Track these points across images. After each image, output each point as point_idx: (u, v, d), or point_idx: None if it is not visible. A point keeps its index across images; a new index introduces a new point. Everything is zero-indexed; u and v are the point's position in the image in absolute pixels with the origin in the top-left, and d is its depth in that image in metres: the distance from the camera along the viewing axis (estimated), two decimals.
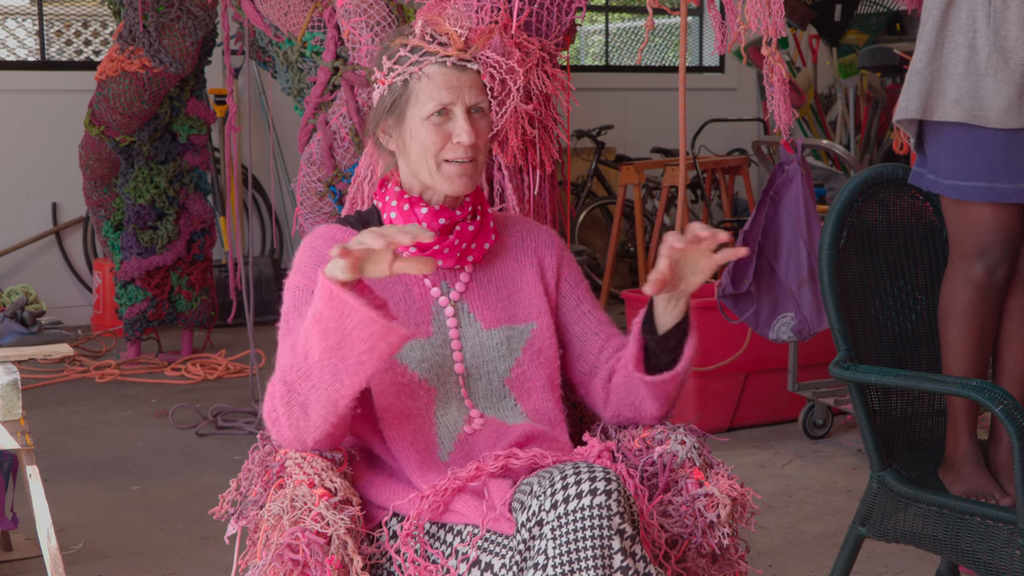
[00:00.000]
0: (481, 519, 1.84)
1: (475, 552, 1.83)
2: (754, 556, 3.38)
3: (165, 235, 6.08)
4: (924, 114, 2.53)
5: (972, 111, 2.46)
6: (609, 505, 1.72)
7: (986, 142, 2.47)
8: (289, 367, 1.84)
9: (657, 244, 7.08)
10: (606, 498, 1.73)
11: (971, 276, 2.52)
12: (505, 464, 1.89)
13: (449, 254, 2.05)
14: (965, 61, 2.47)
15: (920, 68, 2.52)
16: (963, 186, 2.50)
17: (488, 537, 1.84)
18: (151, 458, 4.55)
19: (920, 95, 2.52)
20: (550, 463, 1.90)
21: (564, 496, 1.73)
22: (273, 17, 4.31)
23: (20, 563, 3.49)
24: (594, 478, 1.74)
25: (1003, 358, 2.61)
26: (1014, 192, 2.46)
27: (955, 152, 2.51)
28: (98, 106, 5.87)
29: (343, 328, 1.76)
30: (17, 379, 2.94)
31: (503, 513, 1.83)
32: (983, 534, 2.37)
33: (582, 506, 1.72)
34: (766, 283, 3.90)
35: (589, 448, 1.93)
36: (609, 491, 1.73)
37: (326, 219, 4.09)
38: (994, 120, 2.44)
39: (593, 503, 1.72)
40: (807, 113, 7.73)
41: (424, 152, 2.01)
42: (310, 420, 1.86)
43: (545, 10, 2.69)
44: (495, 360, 2.05)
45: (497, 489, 1.87)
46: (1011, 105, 2.43)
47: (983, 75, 2.45)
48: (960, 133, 2.49)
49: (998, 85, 2.44)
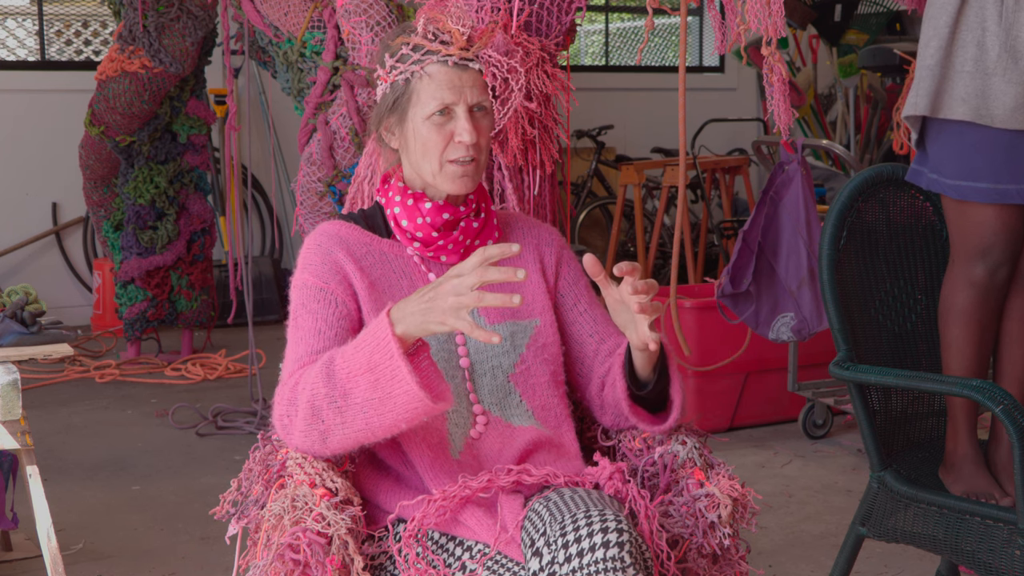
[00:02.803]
0: (492, 538, 1.84)
1: (483, 571, 1.83)
2: (754, 556, 3.38)
3: (165, 235, 6.08)
4: (932, 111, 2.52)
5: (979, 110, 2.46)
6: (622, 557, 1.73)
7: (991, 142, 2.46)
8: (321, 395, 1.82)
9: (657, 244, 7.09)
10: (619, 550, 1.73)
11: (972, 277, 2.52)
12: (517, 480, 1.89)
13: (453, 249, 2.05)
14: (974, 60, 2.46)
15: (931, 64, 2.51)
16: (966, 186, 2.49)
17: (497, 559, 1.84)
18: (151, 458, 4.55)
19: (930, 92, 2.51)
20: (562, 483, 1.90)
21: (578, 549, 1.73)
22: (273, 17, 4.32)
23: (20, 563, 3.49)
24: (606, 528, 1.74)
25: (1003, 359, 2.61)
26: (1018, 193, 2.46)
27: (959, 152, 2.50)
28: (98, 106, 5.87)
29: (390, 391, 1.77)
30: (17, 379, 2.94)
31: (514, 536, 1.83)
32: (983, 534, 2.37)
33: (595, 559, 1.72)
34: (766, 283, 3.91)
35: (600, 469, 1.93)
36: (621, 543, 1.73)
37: (326, 219, 4.08)
38: (1000, 120, 2.44)
39: (607, 556, 1.72)
40: (807, 113, 7.73)
41: (426, 152, 2.01)
42: (327, 446, 1.87)
43: (545, 10, 2.69)
44: (499, 356, 2.05)
45: (509, 508, 1.87)
46: (1018, 105, 2.43)
47: (991, 74, 2.44)
48: (966, 132, 2.49)
49: (1006, 85, 2.43)
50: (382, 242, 2.07)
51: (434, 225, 2.03)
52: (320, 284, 1.99)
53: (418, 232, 2.04)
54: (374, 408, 1.79)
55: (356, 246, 2.04)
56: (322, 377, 1.82)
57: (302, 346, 1.95)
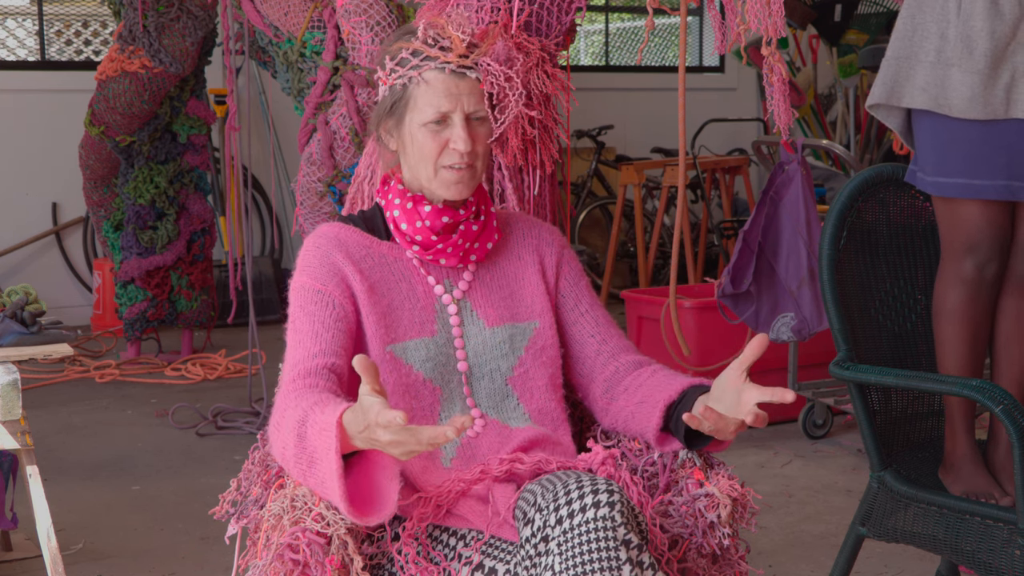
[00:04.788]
0: (485, 524, 1.84)
1: (478, 556, 1.83)
2: (754, 556, 3.38)
3: (165, 235, 6.08)
4: (890, 99, 2.54)
5: (937, 99, 2.48)
6: (613, 516, 1.73)
7: (960, 136, 2.47)
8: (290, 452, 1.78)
9: (657, 244, 7.09)
10: (609, 510, 1.73)
11: (961, 274, 2.53)
12: (509, 469, 1.89)
13: (452, 253, 2.05)
14: (936, 50, 2.49)
15: (890, 56, 2.55)
16: (944, 182, 2.51)
17: (491, 542, 1.84)
18: (151, 458, 4.55)
19: (885, 81, 2.54)
20: (554, 468, 1.90)
21: (569, 511, 1.74)
22: (273, 17, 4.32)
23: (20, 563, 3.49)
24: (596, 490, 1.74)
25: (1000, 359, 2.61)
26: (993, 189, 2.47)
27: (933, 147, 2.52)
28: (98, 106, 5.87)
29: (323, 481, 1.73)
30: (17, 379, 2.94)
31: (507, 519, 1.83)
32: (983, 534, 2.37)
33: (586, 519, 1.72)
34: (766, 283, 3.91)
35: (593, 455, 1.93)
36: (612, 503, 1.74)
37: (326, 219, 4.09)
38: (957, 109, 2.45)
39: (597, 515, 1.73)
40: (807, 113, 7.73)
41: (421, 157, 2.01)
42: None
43: (545, 10, 2.69)
44: (498, 359, 2.05)
45: (501, 494, 1.87)
46: (975, 95, 2.44)
47: (950, 64, 2.46)
48: (936, 126, 2.50)
49: (963, 75, 2.45)
50: (381, 244, 2.07)
51: (433, 228, 2.03)
52: (318, 286, 1.99)
53: (417, 235, 2.04)
54: (322, 491, 1.76)
55: (355, 248, 2.04)
56: (293, 437, 1.78)
57: (299, 350, 1.95)
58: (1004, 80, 2.45)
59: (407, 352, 1.99)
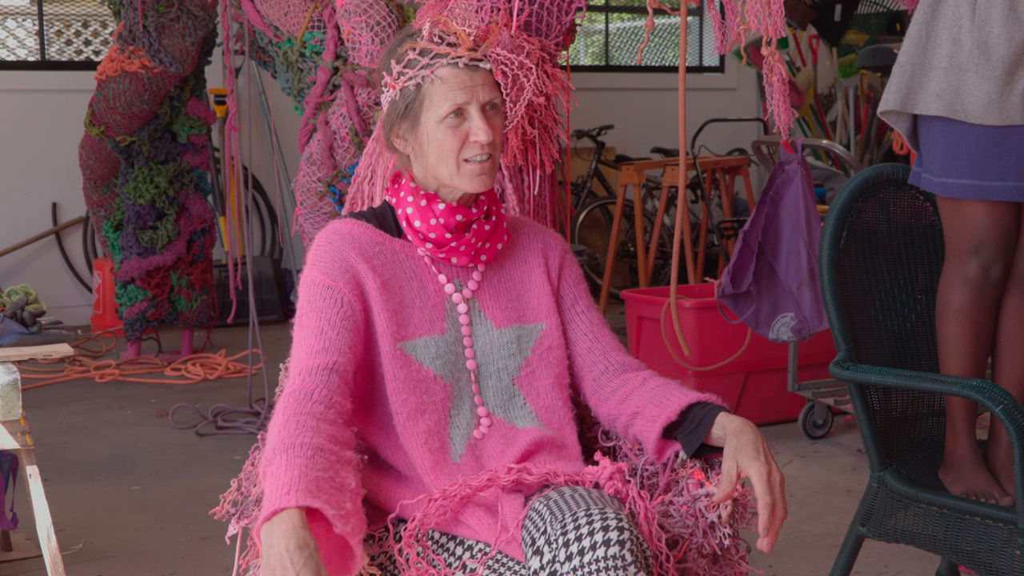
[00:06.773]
0: (493, 538, 1.84)
1: (483, 570, 1.83)
2: (754, 556, 3.38)
3: (165, 235, 6.08)
4: (904, 107, 2.54)
5: (952, 105, 2.47)
6: (623, 556, 1.73)
7: (973, 139, 2.47)
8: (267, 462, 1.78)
9: (657, 244, 7.09)
10: (620, 548, 1.73)
11: (966, 274, 2.53)
12: (517, 479, 1.89)
13: (465, 251, 2.06)
14: (949, 56, 2.48)
15: (903, 62, 2.54)
16: (952, 184, 2.51)
17: (498, 558, 1.84)
18: (151, 458, 4.55)
19: (900, 88, 2.54)
20: (562, 482, 1.90)
21: (579, 548, 1.73)
22: (273, 17, 4.32)
23: (20, 563, 3.49)
24: (607, 527, 1.74)
25: (1001, 359, 2.61)
26: (1003, 190, 2.47)
27: (943, 149, 2.52)
28: (98, 106, 5.87)
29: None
30: (17, 379, 2.94)
31: (515, 536, 1.83)
32: (983, 534, 2.37)
33: (596, 558, 1.72)
34: (766, 283, 3.91)
35: (600, 469, 1.93)
36: (622, 541, 1.74)
37: (326, 219, 4.09)
38: (973, 115, 2.45)
39: (608, 554, 1.72)
40: (807, 113, 7.73)
41: (443, 154, 2.01)
42: None
43: (545, 10, 2.69)
44: (505, 359, 2.06)
45: (510, 508, 1.87)
46: (991, 101, 2.44)
47: (965, 70, 2.46)
48: (947, 130, 2.50)
49: (979, 81, 2.44)
50: (393, 241, 2.07)
51: (447, 226, 2.04)
52: (328, 282, 1.99)
53: (431, 233, 2.04)
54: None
55: (368, 245, 2.04)
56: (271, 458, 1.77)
57: (304, 346, 1.95)
58: (1021, 85, 2.44)
59: (417, 349, 2.00)
